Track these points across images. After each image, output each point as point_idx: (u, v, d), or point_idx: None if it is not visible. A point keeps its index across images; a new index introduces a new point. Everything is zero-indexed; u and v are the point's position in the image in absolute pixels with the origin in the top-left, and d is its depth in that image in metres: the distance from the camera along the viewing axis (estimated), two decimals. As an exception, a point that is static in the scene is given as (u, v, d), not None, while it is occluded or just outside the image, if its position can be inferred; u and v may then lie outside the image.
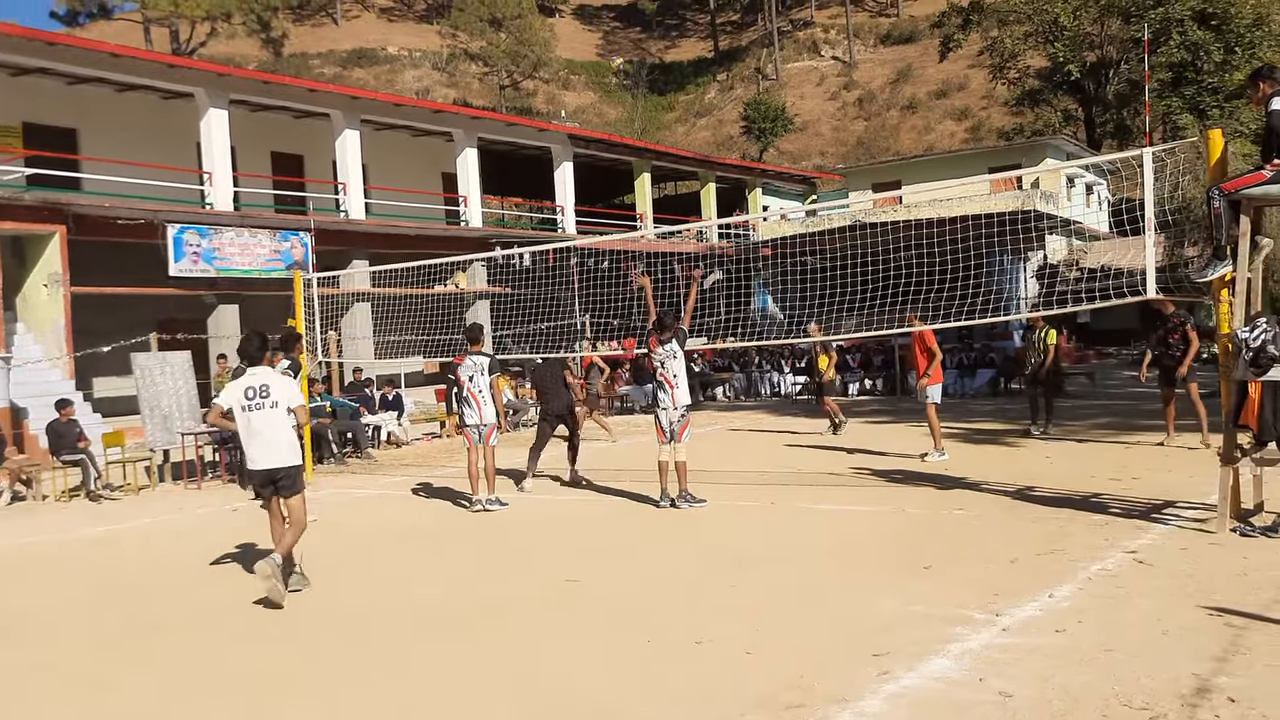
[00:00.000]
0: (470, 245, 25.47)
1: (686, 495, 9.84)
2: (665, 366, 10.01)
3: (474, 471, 10.60)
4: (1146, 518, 8.19)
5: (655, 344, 10.09)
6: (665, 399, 10.00)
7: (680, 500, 9.82)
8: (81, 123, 22.30)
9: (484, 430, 10.56)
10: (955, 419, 16.70)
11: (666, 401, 9.99)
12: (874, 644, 5.33)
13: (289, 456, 7.28)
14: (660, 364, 10.05)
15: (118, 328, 17.94)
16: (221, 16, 54.79)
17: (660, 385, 10.10)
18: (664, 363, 10.01)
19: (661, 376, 10.06)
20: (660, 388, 10.09)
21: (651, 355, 10.20)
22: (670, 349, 10.02)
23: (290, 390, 7.41)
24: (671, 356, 10.00)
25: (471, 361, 10.64)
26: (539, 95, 75.26)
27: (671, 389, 9.96)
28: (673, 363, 10.00)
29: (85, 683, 5.61)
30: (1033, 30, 41.70)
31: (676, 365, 10.01)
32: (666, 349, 10.03)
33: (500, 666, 5.44)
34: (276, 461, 7.21)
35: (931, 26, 61.63)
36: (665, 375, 10.01)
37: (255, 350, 7.39)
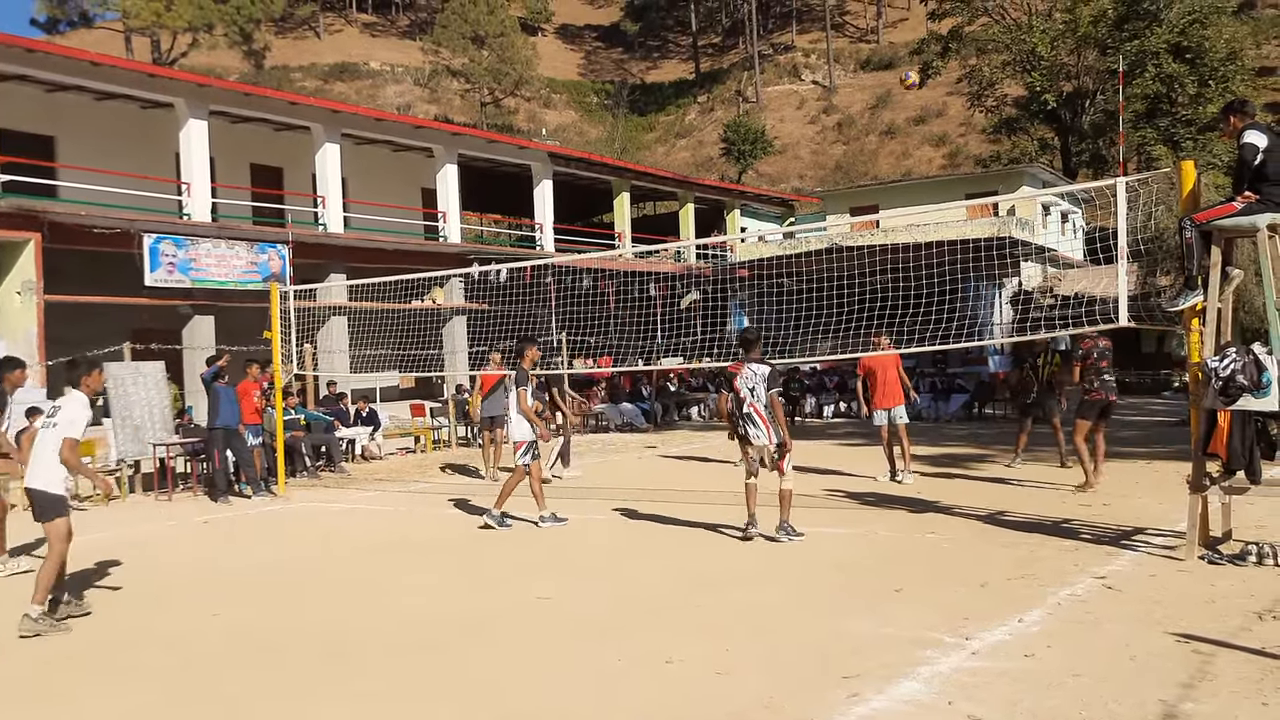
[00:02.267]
0: (449, 261, 25.43)
1: (787, 527, 8.88)
2: (755, 394, 8.80)
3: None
4: (1116, 544, 8.26)
5: (740, 366, 8.95)
6: (758, 434, 8.84)
7: (780, 532, 8.86)
8: (59, 130, 22.14)
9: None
10: (929, 443, 16.80)
11: (761, 437, 8.83)
12: (844, 666, 5.34)
13: (45, 481, 6.96)
14: (749, 390, 8.82)
15: (91, 337, 17.76)
16: (203, 28, 54.61)
17: (750, 418, 8.83)
18: (754, 389, 8.81)
19: (751, 407, 8.82)
20: (749, 421, 8.84)
21: (736, 379, 8.91)
22: (757, 374, 8.81)
23: (72, 421, 6.90)
24: (759, 382, 8.79)
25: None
26: (520, 113, 75.43)
27: (765, 424, 8.78)
28: (761, 390, 8.78)
29: (43, 696, 5.53)
30: (1010, 59, 42.22)
31: (762, 394, 8.78)
32: (753, 371, 8.85)
33: (467, 682, 5.42)
34: (33, 483, 6.98)
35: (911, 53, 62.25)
36: (756, 406, 8.80)
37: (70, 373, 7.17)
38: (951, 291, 13.45)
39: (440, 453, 19.56)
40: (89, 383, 7.28)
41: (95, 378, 7.37)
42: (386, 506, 12.55)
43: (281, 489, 14.02)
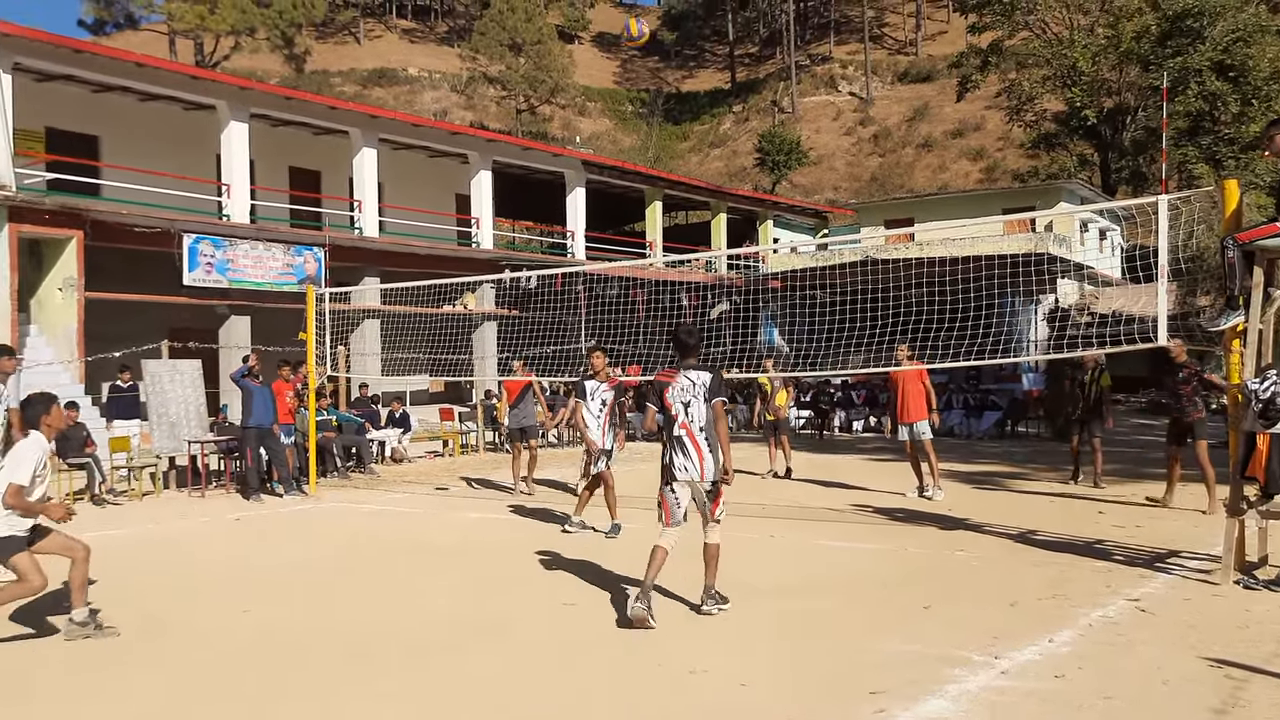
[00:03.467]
0: (481, 266, 25.56)
1: (716, 595, 6.85)
2: (689, 411, 6.62)
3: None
4: (1150, 566, 8.16)
5: (673, 375, 6.80)
6: (687, 465, 6.61)
7: (708, 602, 6.82)
8: (104, 130, 22.50)
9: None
10: (961, 460, 16.69)
11: (691, 470, 6.60)
12: (870, 681, 5.31)
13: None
14: (682, 406, 6.65)
15: (130, 334, 18.03)
16: (246, 31, 55.28)
17: (679, 444, 6.63)
18: (688, 404, 6.63)
19: (683, 427, 6.61)
20: (677, 446, 6.64)
21: (667, 390, 6.75)
22: (696, 383, 6.65)
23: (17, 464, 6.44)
24: (697, 394, 6.62)
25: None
26: (555, 120, 75.74)
27: (698, 449, 6.59)
28: (699, 405, 6.61)
29: (73, 690, 5.60)
30: (1051, 74, 41.90)
31: (701, 410, 6.62)
32: (690, 381, 6.68)
33: (488, 686, 5.43)
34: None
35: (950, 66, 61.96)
36: (689, 426, 6.61)
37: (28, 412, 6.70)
38: (986, 307, 13.34)
39: (468, 457, 19.64)
40: (49, 421, 6.68)
41: (55, 415, 6.74)
42: (415, 509, 12.62)
43: (313, 489, 14.14)
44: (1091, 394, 13.63)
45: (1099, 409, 13.45)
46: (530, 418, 13.87)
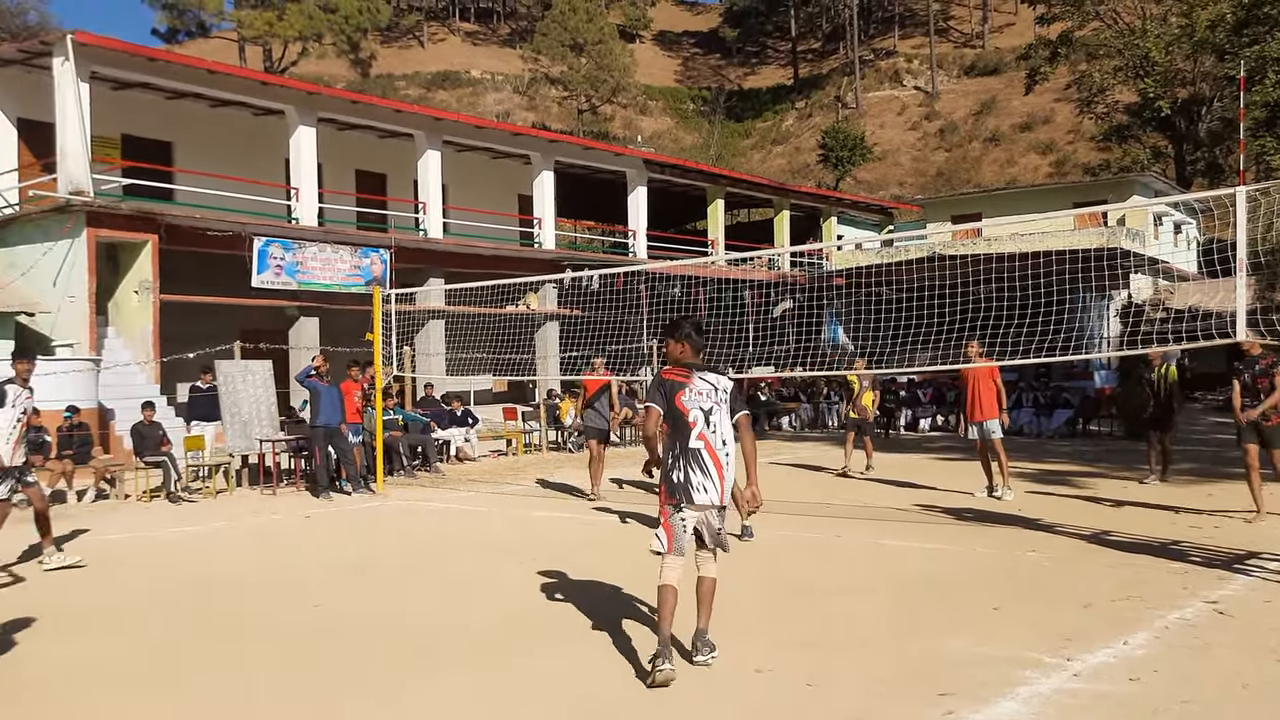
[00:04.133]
0: (543, 266, 25.72)
1: (707, 641, 5.66)
2: (710, 420, 5.54)
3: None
4: (1228, 568, 7.94)
5: (688, 376, 5.62)
6: (705, 485, 5.50)
7: (701, 649, 5.62)
8: (177, 136, 23.06)
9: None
10: (1031, 459, 16.40)
11: (710, 489, 5.50)
12: (939, 683, 5.24)
13: None
14: (702, 413, 5.54)
15: (204, 335, 18.46)
16: (313, 37, 56.26)
17: (696, 458, 5.50)
18: (709, 412, 5.55)
19: (701, 439, 5.52)
20: (693, 461, 5.50)
21: (682, 393, 5.57)
22: (718, 389, 5.62)
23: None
24: (719, 402, 5.59)
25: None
26: (616, 120, 75.93)
27: (719, 467, 5.52)
28: (721, 415, 5.58)
29: (153, 680, 5.74)
30: (1123, 65, 41.04)
31: (725, 422, 5.59)
32: (710, 385, 5.61)
33: (554, 683, 5.45)
34: None
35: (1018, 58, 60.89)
36: (708, 438, 5.53)
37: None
38: (1057, 303, 13.09)
39: (531, 456, 19.78)
40: None
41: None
42: (480, 507, 12.73)
43: (380, 487, 14.34)
44: (1161, 391, 13.34)
45: (1170, 405, 13.15)
46: (605, 420, 13.32)
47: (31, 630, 6.80)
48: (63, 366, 16.01)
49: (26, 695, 5.48)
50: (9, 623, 6.92)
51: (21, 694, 5.51)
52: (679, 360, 5.71)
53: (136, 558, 9.68)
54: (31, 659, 6.18)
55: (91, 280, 18.54)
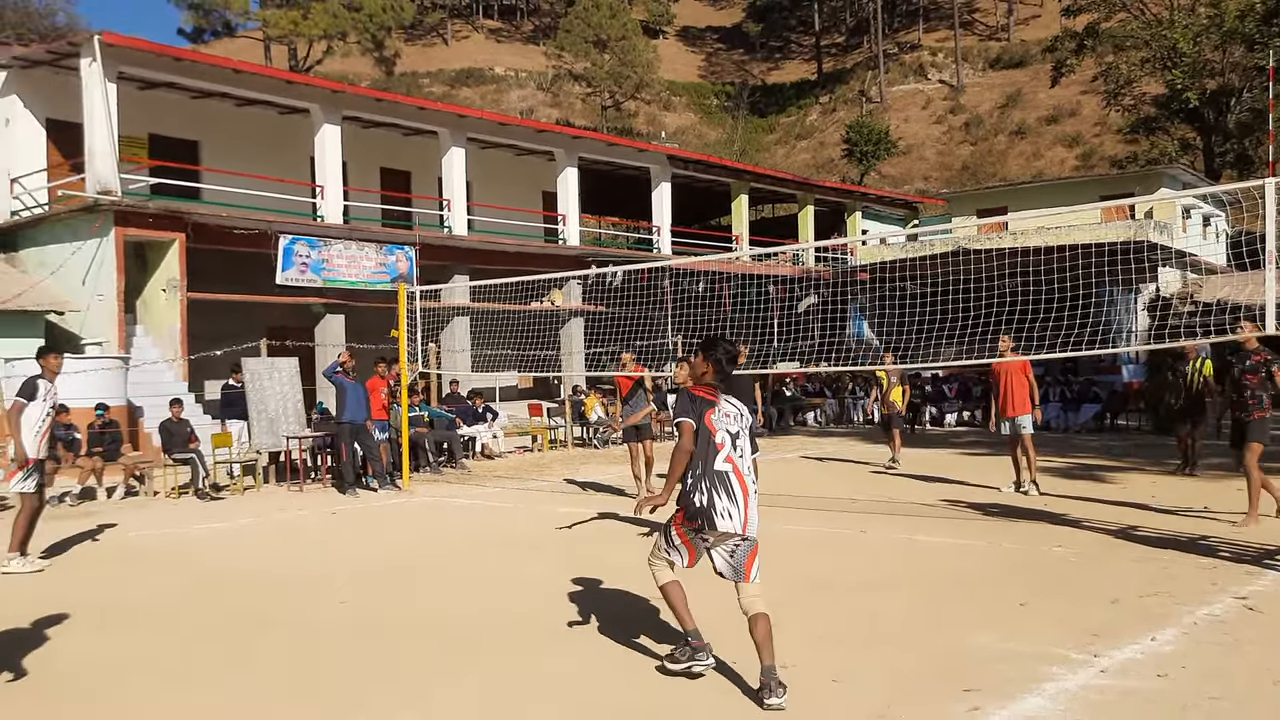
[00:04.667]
0: (567, 263, 25.74)
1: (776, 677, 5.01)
2: (737, 444, 5.31)
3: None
4: (1258, 563, 7.86)
5: (715, 394, 5.41)
6: (732, 509, 5.20)
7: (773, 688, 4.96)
8: (203, 135, 23.23)
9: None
10: (1058, 453, 16.28)
11: (735, 515, 5.19)
12: (965, 679, 5.22)
13: None
14: (729, 436, 5.30)
15: (231, 333, 18.60)
16: (338, 36, 56.53)
17: (720, 480, 5.21)
18: (736, 436, 5.32)
19: (729, 462, 5.25)
20: (719, 485, 5.20)
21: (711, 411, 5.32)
22: (742, 413, 5.42)
23: None
24: (745, 428, 5.39)
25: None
26: (640, 116, 75.86)
27: (745, 494, 5.24)
28: (746, 442, 5.37)
29: (184, 675, 5.80)
30: (1150, 56, 40.55)
31: (749, 448, 5.37)
32: (736, 410, 5.41)
33: (578, 680, 5.47)
34: None
35: (1044, 51, 60.36)
36: (736, 462, 5.27)
37: None
38: (1084, 297, 12.99)
39: (556, 452, 19.82)
40: None
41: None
42: (505, 503, 12.77)
43: (406, 483, 14.41)
44: (1194, 385, 13.23)
45: (1201, 399, 13.04)
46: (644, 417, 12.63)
47: (63, 626, 6.88)
48: (92, 364, 16.18)
49: (58, 690, 5.55)
50: (41, 619, 7.01)
51: (53, 689, 5.58)
52: (701, 379, 5.49)
53: (165, 554, 9.78)
54: (63, 654, 6.26)
55: (120, 279, 18.71)
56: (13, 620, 6.96)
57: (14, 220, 20.39)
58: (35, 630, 6.72)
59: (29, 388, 8.87)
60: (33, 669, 5.89)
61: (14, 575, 8.66)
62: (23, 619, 6.99)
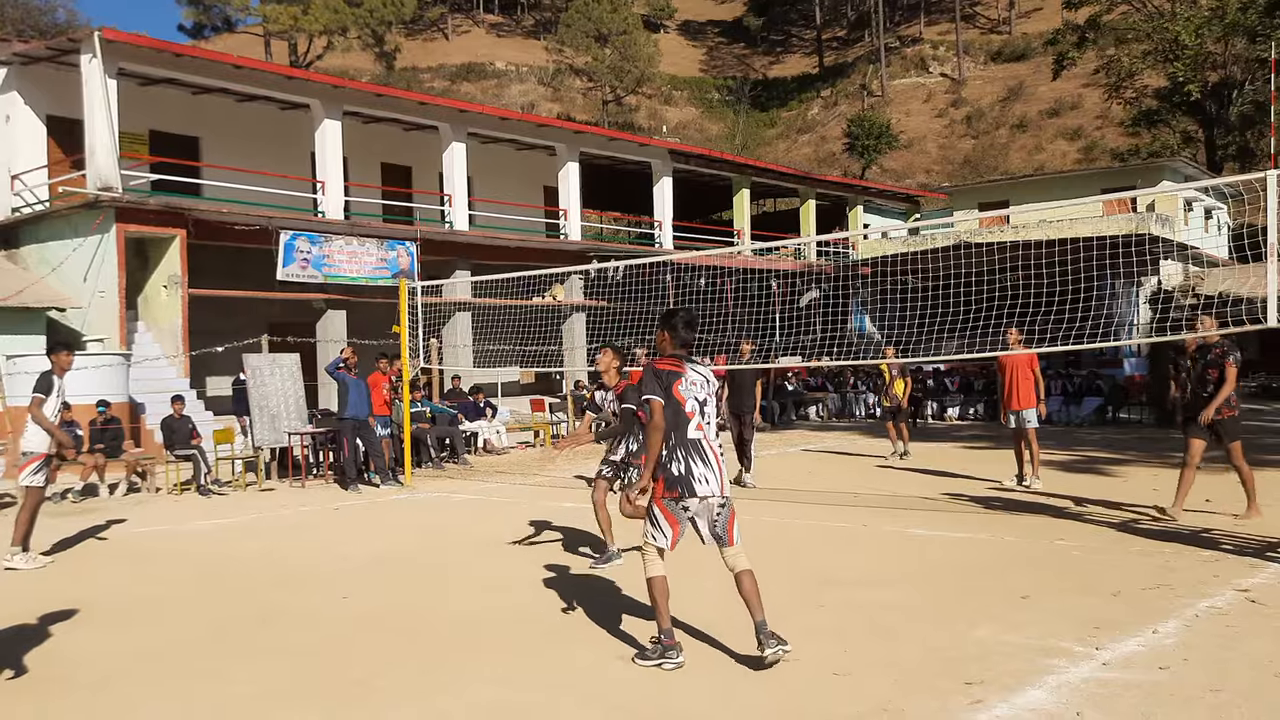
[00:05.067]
0: (569, 258, 25.73)
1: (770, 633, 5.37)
2: (704, 411, 5.59)
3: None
4: (1260, 556, 7.86)
5: (680, 365, 5.61)
6: (707, 476, 5.45)
7: (769, 643, 5.33)
8: (203, 131, 23.23)
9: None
10: (1060, 447, 16.28)
11: (712, 479, 5.46)
12: (967, 672, 5.22)
13: None
14: (698, 404, 5.57)
15: (234, 329, 18.61)
16: (338, 31, 56.51)
17: (696, 449, 5.47)
18: (703, 403, 5.60)
19: (699, 429, 5.51)
20: (694, 452, 5.47)
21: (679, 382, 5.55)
22: (708, 379, 5.68)
23: None
24: (712, 391, 5.68)
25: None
26: (641, 110, 75.78)
27: (716, 457, 5.53)
28: (714, 407, 5.67)
29: (189, 671, 5.81)
30: (1152, 49, 40.51)
31: (714, 414, 5.67)
32: (702, 376, 5.66)
33: (584, 675, 5.48)
34: None
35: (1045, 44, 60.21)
36: (705, 429, 5.55)
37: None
38: (1085, 290, 12.97)
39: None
40: None
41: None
42: (507, 499, 12.78)
43: (408, 479, 14.42)
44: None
45: None
46: None
47: (66, 623, 6.89)
48: (94, 361, 16.18)
49: (61, 686, 5.56)
50: (44, 615, 7.02)
51: (56, 684, 5.58)
52: (665, 351, 5.72)
53: (167, 550, 9.79)
54: (66, 650, 6.27)
55: (121, 275, 18.72)
56: (16, 617, 6.97)
57: (15, 217, 20.40)
58: (39, 627, 6.73)
59: (45, 384, 8.99)
60: (36, 665, 5.90)
61: (18, 571, 8.69)
62: (26, 615, 7.00)
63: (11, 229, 20.59)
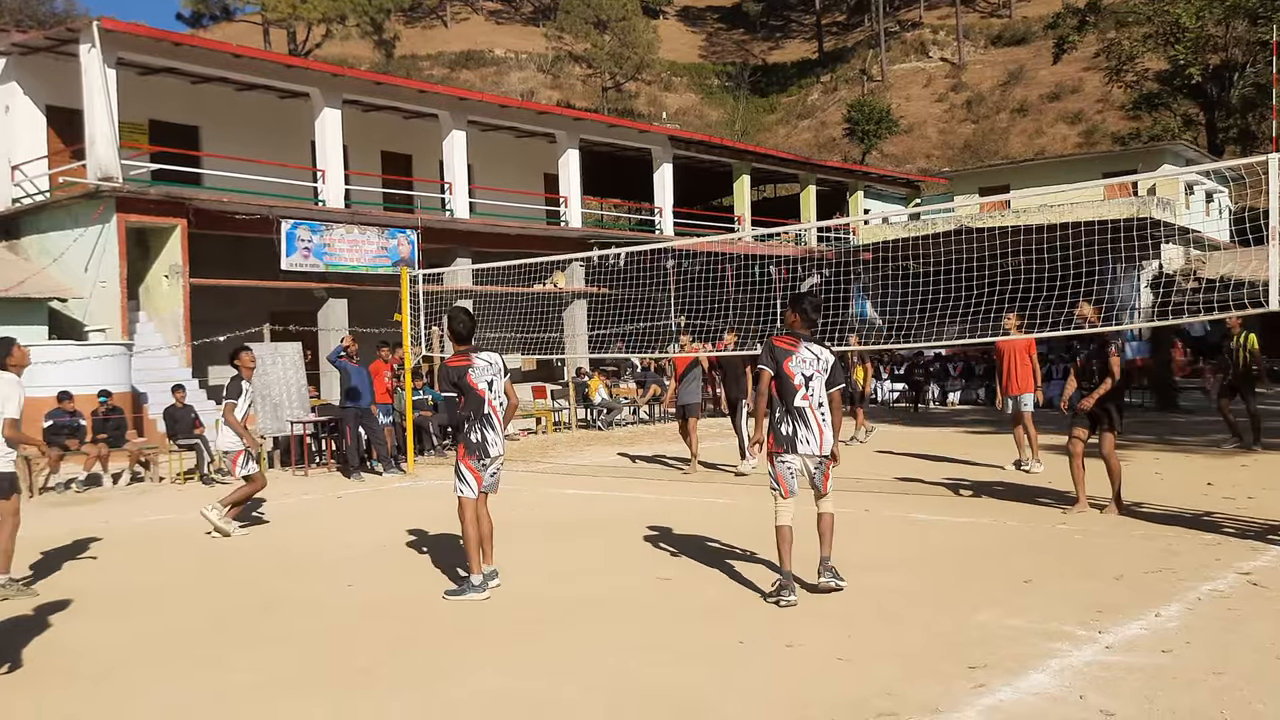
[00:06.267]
0: (570, 245, 25.70)
1: (832, 568, 6.64)
2: (811, 385, 6.57)
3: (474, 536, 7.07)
4: (1262, 539, 7.87)
5: (795, 344, 6.63)
6: (809, 438, 6.53)
7: (825, 574, 6.61)
8: (203, 120, 23.19)
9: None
10: (1061, 431, 16.26)
11: (812, 440, 6.53)
12: (970, 656, 5.24)
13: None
14: (804, 378, 6.55)
15: (235, 318, 18.61)
16: (336, 19, 56.34)
17: (801, 415, 6.53)
18: (810, 378, 6.57)
19: (805, 399, 6.53)
20: (798, 418, 6.53)
21: (789, 359, 6.57)
22: (820, 360, 6.61)
23: (5, 400, 7.14)
24: (821, 370, 6.60)
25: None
26: (641, 97, 75.56)
27: (818, 423, 6.55)
28: (820, 383, 6.60)
29: (193, 659, 5.83)
30: (1153, 32, 40.35)
31: (822, 388, 6.61)
32: (814, 355, 6.62)
33: (589, 660, 5.49)
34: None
35: (1045, 28, 60.10)
36: (810, 399, 6.55)
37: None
38: (1086, 274, 12.96)
39: (561, 434, 19.85)
40: (13, 362, 7.39)
41: (18, 354, 7.45)
42: (509, 486, 12.76)
43: (411, 466, 14.44)
44: (1241, 359, 13.27)
45: (1249, 373, 13.10)
46: (695, 395, 13.46)
47: (66, 612, 6.91)
48: (96, 351, 16.20)
49: (63, 675, 5.58)
50: (45, 604, 7.04)
51: (58, 674, 5.60)
52: (792, 329, 6.73)
53: (170, 539, 9.82)
54: (68, 639, 6.29)
55: (122, 265, 18.72)
56: (17, 609, 7.00)
57: (15, 207, 20.39)
58: (39, 616, 6.75)
59: (235, 389, 9.91)
60: (37, 655, 5.92)
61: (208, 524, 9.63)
62: (26, 606, 7.03)
63: (12, 219, 20.57)
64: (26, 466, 13.24)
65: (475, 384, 6.95)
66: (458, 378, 6.94)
